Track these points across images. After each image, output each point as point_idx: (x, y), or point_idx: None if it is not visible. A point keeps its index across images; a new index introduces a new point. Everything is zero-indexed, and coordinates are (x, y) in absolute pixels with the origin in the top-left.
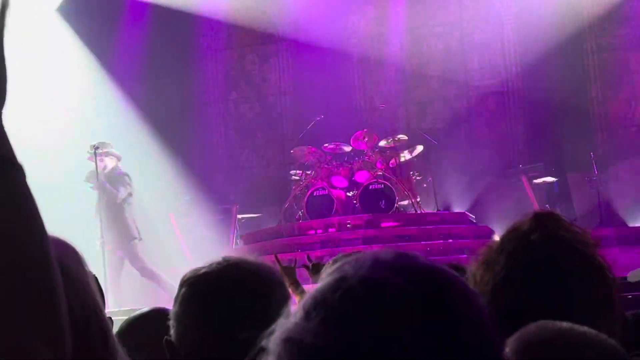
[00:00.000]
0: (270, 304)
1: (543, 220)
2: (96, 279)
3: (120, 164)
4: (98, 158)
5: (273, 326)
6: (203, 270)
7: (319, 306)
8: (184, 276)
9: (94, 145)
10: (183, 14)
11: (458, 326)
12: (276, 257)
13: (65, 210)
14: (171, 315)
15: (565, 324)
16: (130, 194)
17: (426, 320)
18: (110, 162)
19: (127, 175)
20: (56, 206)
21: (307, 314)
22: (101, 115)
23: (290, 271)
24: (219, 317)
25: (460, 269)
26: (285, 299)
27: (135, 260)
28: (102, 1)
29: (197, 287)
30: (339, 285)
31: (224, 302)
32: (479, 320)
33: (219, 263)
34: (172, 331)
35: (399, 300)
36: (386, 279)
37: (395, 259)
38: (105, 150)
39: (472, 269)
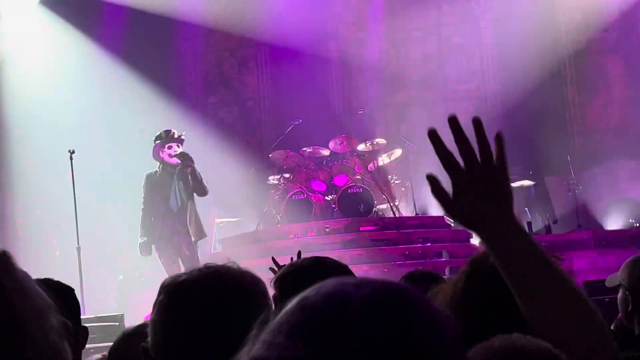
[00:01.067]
0: (250, 312)
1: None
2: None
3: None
4: (176, 144)
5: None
6: (182, 278)
7: (283, 324)
8: (163, 282)
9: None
10: (161, 17)
11: (423, 337)
12: (274, 259)
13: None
14: (149, 322)
15: (522, 337)
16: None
17: (389, 332)
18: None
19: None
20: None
21: (273, 332)
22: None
23: None
24: (195, 325)
25: (436, 277)
26: (266, 308)
27: (196, 263)
28: (79, 2)
29: (174, 294)
30: (302, 303)
31: (200, 310)
32: (440, 330)
33: (199, 270)
34: (149, 338)
35: (361, 312)
36: (348, 293)
37: (356, 280)
38: (177, 137)
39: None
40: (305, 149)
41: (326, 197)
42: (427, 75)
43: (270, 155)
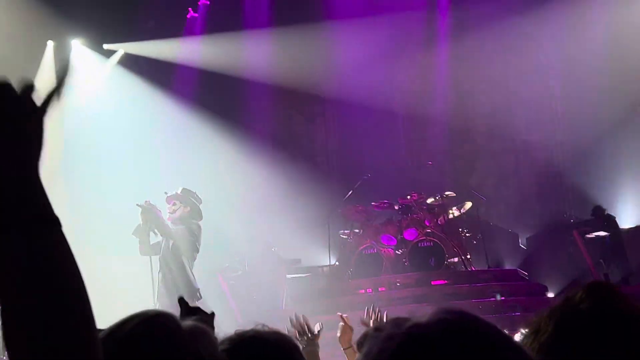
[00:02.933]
0: None
1: (595, 291)
2: None
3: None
4: (168, 200)
5: None
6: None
7: None
8: None
9: (184, 190)
10: (230, 77)
11: None
12: (342, 317)
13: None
14: None
15: None
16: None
17: None
18: (182, 209)
19: (199, 226)
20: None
21: None
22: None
23: (349, 333)
24: None
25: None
26: None
27: None
28: (152, 64)
29: None
30: (388, 344)
31: None
32: None
33: (230, 340)
34: None
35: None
36: (428, 332)
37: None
38: (180, 193)
39: (522, 335)
40: (374, 203)
41: (396, 251)
42: (495, 126)
43: (340, 211)
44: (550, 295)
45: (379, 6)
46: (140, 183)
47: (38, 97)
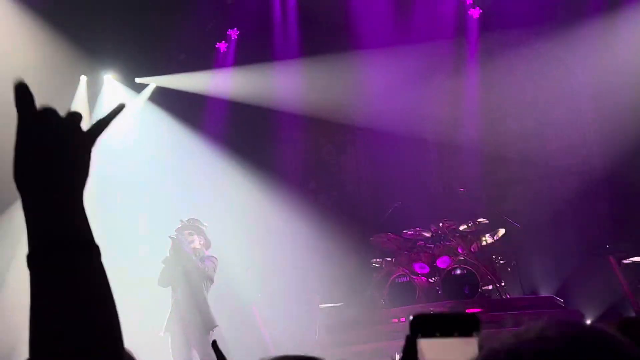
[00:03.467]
0: None
1: (627, 327)
2: None
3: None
4: (187, 232)
5: None
6: None
7: None
8: None
9: (190, 219)
10: (259, 107)
11: None
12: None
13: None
14: None
15: None
16: (212, 280)
17: None
18: (198, 241)
19: (216, 258)
20: None
21: None
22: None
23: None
24: None
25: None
26: None
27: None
28: (183, 96)
29: None
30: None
31: None
32: None
33: None
34: None
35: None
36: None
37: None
38: (198, 225)
39: None
40: (406, 231)
41: (430, 280)
42: (527, 152)
43: (371, 239)
44: (588, 322)
45: (407, 34)
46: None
47: (85, 128)
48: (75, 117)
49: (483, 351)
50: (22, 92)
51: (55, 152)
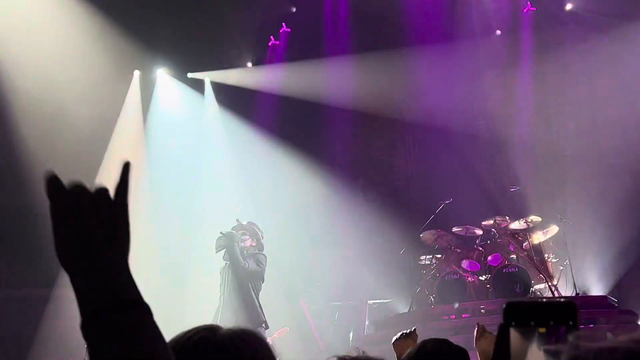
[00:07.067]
0: None
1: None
2: None
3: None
4: (241, 232)
5: None
6: None
7: None
8: None
9: (249, 223)
10: (310, 103)
11: None
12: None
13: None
14: None
15: None
16: (262, 278)
17: None
18: (250, 242)
19: (265, 257)
20: None
21: None
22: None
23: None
24: None
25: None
26: None
27: None
28: (236, 93)
29: None
30: None
31: None
32: None
33: None
34: None
35: None
36: None
37: None
38: (254, 229)
39: None
40: (456, 228)
41: (480, 277)
42: (581, 150)
43: (421, 236)
44: None
45: (459, 29)
46: (220, 209)
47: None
48: (102, 190)
49: (594, 347)
50: (54, 185)
51: (91, 228)
